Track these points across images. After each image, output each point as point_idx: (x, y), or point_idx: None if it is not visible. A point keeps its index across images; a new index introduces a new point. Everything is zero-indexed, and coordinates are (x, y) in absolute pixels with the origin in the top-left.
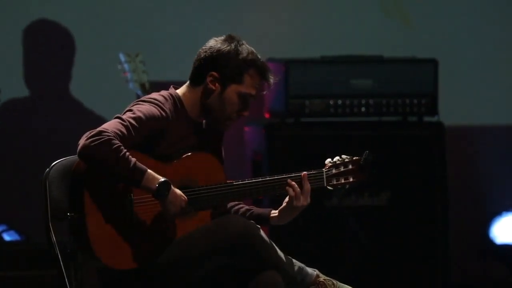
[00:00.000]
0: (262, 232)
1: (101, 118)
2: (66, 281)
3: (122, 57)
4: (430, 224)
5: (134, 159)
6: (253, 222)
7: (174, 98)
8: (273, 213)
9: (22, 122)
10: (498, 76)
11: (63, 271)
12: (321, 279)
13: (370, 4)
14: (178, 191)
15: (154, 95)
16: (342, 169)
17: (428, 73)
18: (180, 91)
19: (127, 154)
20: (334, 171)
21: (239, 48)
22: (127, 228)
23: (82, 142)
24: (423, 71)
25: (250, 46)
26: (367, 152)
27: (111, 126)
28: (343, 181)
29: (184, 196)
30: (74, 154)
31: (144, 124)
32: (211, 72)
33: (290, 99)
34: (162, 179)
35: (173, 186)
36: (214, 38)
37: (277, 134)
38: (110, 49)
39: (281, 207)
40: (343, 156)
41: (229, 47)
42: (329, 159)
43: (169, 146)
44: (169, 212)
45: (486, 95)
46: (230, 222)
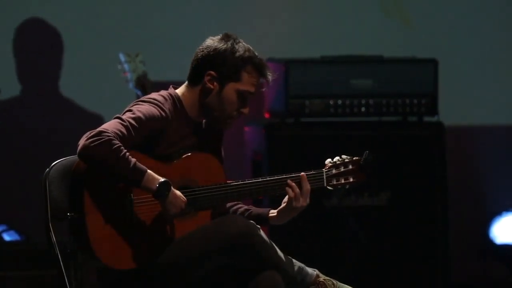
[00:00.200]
0: (262, 232)
1: (101, 118)
2: (66, 281)
3: (122, 57)
4: (430, 224)
5: (134, 159)
6: (253, 222)
7: (173, 98)
8: (271, 213)
9: (22, 122)
10: (498, 76)
11: (63, 271)
12: (321, 279)
13: (370, 4)
14: (178, 192)
15: (154, 95)
16: (342, 169)
17: (428, 73)
18: (179, 91)
19: (127, 154)
20: (334, 171)
21: (236, 46)
22: (127, 228)
23: (82, 142)
24: (423, 71)
25: (248, 44)
26: (367, 152)
27: (111, 126)
28: (343, 181)
29: (183, 197)
30: (74, 154)
31: (144, 124)
32: (209, 71)
33: (290, 99)
34: (162, 179)
35: (173, 187)
36: (210, 37)
37: (277, 134)
38: (110, 49)
39: (280, 208)
40: (343, 156)
41: (225, 46)
42: (329, 159)
43: (169, 146)
44: (169, 212)
45: (486, 95)
46: (230, 222)
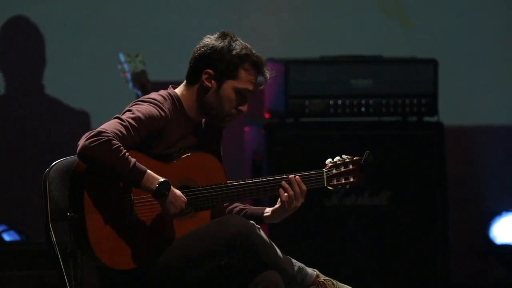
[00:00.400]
0: (262, 232)
1: (101, 118)
2: (66, 281)
3: (122, 57)
4: (430, 224)
5: (133, 160)
6: (252, 222)
7: (173, 98)
8: (266, 212)
9: (23, 122)
10: (498, 76)
11: (63, 271)
12: (321, 279)
13: (370, 4)
14: (178, 192)
15: (153, 95)
16: (342, 169)
17: (428, 73)
18: (178, 91)
19: (127, 154)
20: (334, 171)
21: (233, 43)
22: (127, 228)
23: (81, 142)
24: (423, 71)
25: (246, 43)
26: (368, 152)
27: (111, 126)
28: (344, 181)
29: (183, 196)
30: (74, 154)
31: (143, 124)
32: (206, 69)
33: (290, 99)
34: (162, 179)
35: (173, 187)
36: (208, 35)
37: (277, 134)
38: (110, 49)
39: (274, 208)
40: (344, 156)
41: (222, 44)
42: (329, 159)
43: (168, 146)
44: (168, 212)
45: (486, 95)
46: (229, 222)
